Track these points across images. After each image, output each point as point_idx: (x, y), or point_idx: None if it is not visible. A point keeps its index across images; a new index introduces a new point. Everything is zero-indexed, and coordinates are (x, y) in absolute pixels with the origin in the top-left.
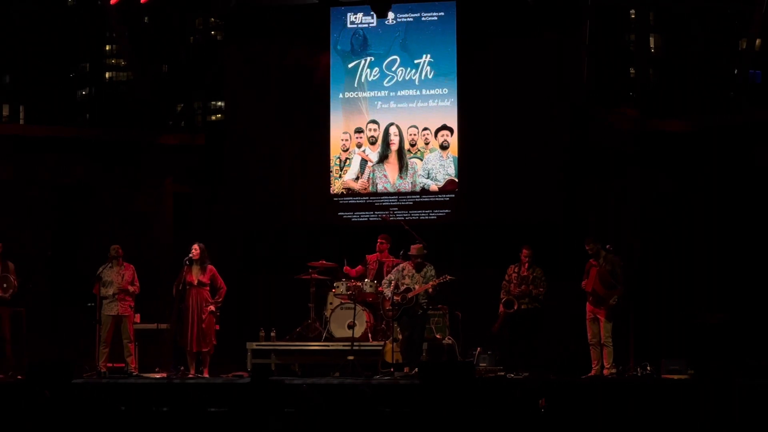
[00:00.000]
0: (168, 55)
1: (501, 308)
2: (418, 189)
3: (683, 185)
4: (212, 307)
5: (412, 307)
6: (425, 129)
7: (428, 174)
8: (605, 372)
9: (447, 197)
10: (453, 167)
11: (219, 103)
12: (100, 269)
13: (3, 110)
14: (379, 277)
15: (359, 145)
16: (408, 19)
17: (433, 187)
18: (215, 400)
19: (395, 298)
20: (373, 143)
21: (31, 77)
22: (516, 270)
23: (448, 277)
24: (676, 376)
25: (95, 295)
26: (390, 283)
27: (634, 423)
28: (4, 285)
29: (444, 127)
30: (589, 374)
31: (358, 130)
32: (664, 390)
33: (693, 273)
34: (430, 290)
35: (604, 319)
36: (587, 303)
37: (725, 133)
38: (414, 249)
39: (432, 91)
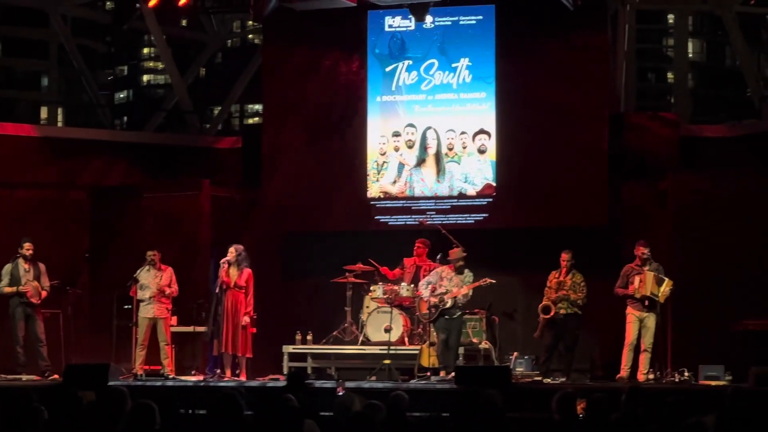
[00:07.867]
0: (205, 58)
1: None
2: (455, 193)
3: (722, 190)
4: (248, 319)
5: (449, 309)
6: (463, 133)
7: (466, 178)
8: (640, 377)
9: (484, 201)
10: (491, 171)
11: (256, 107)
12: (138, 272)
13: (41, 113)
14: (416, 281)
15: (396, 149)
16: (446, 23)
17: (471, 191)
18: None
19: (432, 299)
20: (410, 147)
21: (69, 80)
22: (556, 276)
23: (488, 280)
24: (713, 383)
25: (132, 298)
26: (428, 285)
27: (672, 429)
28: (31, 293)
29: (482, 131)
30: (620, 375)
31: (396, 134)
32: (701, 396)
33: (732, 278)
34: (469, 293)
35: (653, 325)
36: (630, 308)
37: (764, 138)
38: (453, 253)
39: (470, 95)
